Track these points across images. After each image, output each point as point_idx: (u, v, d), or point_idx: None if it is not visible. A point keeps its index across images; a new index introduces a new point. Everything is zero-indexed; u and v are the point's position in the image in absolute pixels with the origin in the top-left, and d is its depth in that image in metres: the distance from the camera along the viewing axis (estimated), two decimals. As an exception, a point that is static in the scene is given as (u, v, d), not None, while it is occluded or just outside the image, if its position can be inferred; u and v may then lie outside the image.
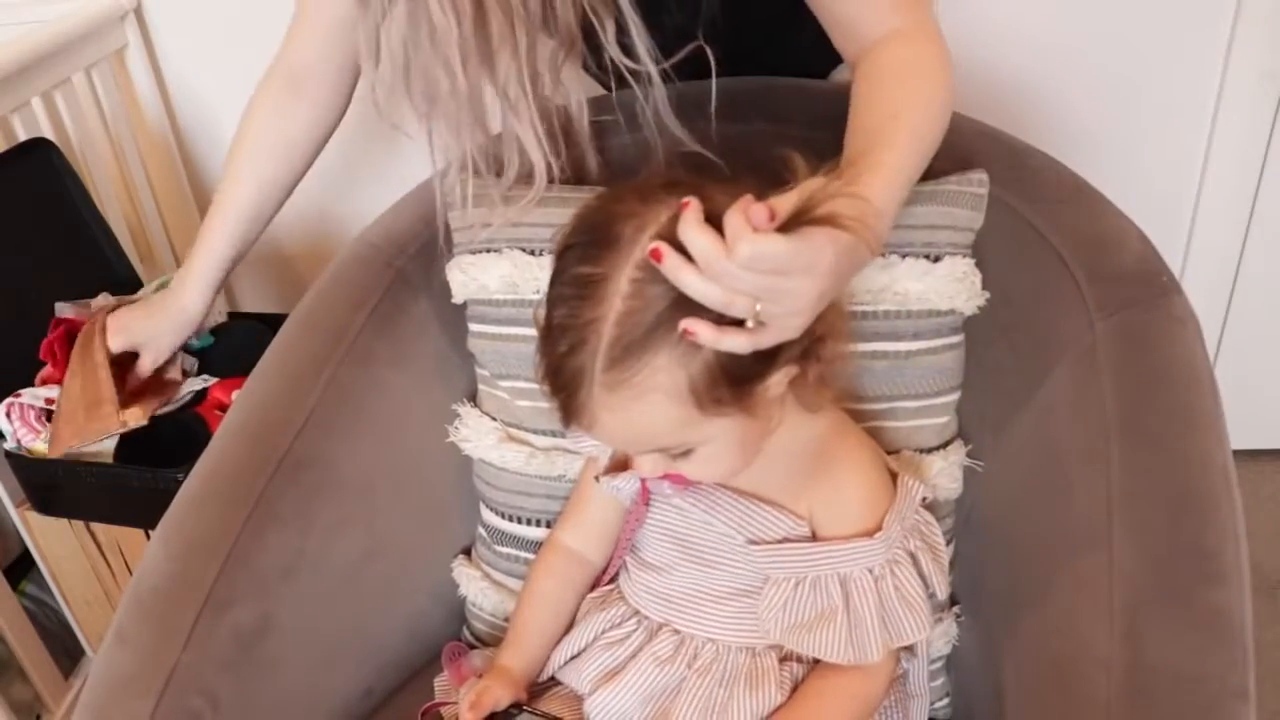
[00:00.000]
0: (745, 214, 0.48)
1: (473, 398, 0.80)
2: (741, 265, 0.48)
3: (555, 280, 0.56)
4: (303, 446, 0.72)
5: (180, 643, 0.64)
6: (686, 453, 0.57)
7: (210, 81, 1.33)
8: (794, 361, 0.56)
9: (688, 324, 0.50)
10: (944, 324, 0.69)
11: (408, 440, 0.78)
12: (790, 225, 0.49)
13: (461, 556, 0.81)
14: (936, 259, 0.68)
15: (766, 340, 0.52)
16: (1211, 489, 0.61)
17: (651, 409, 0.53)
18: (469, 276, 0.75)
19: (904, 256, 0.68)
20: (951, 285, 0.68)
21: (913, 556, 0.65)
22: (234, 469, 0.71)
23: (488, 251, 0.74)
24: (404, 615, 0.78)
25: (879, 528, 0.63)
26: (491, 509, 0.79)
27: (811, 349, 0.56)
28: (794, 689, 0.65)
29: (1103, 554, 0.61)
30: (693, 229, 0.49)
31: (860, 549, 0.63)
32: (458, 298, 0.76)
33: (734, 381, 0.54)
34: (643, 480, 0.66)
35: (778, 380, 0.56)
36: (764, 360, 0.54)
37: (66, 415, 1.02)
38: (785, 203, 0.50)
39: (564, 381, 0.54)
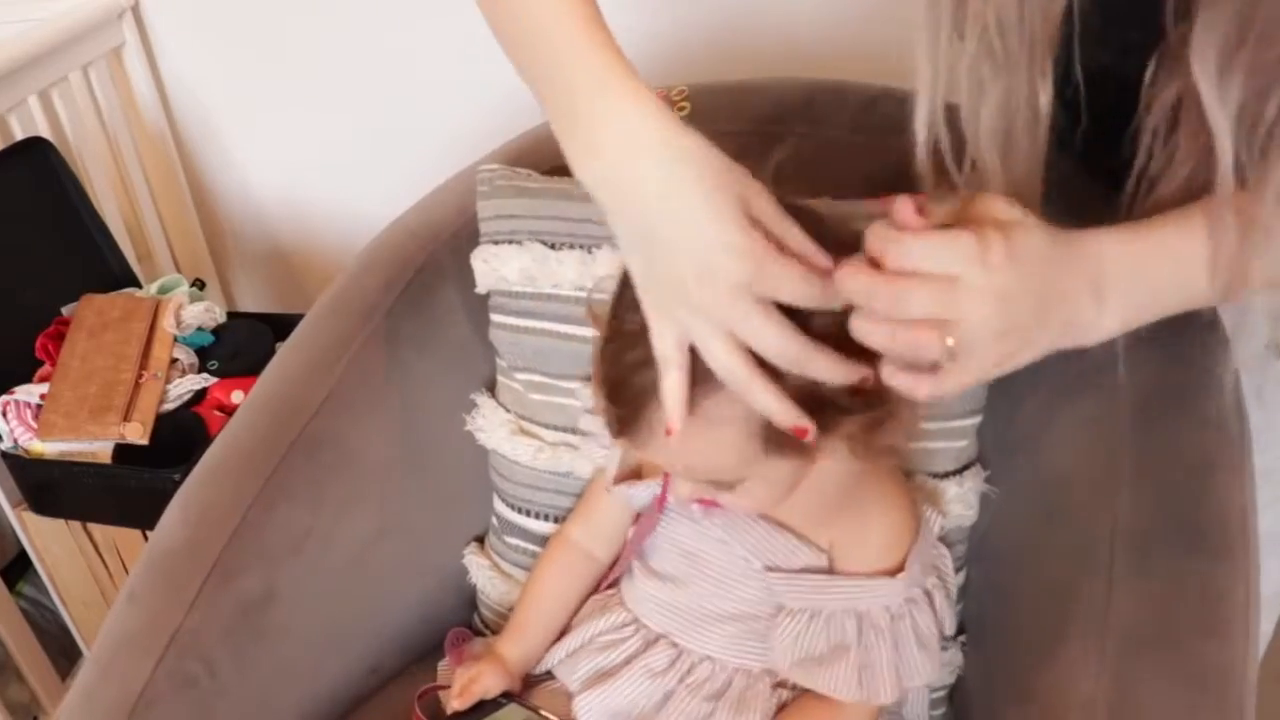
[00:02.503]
0: (890, 213, 0.44)
1: (492, 387, 0.80)
2: (896, 270, 0.44)
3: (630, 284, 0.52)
4: (320, 424, 0.73)
5: (185, 606, 0.66)
6: (730, 485, 0.56)
7: (208, 80, 1.34)
8: (860, 426, 0.52)
9: (892, 377, 0.46)
10: (962, 343, 0.68)
11: (426, 425, 0.79)
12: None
13: (474, 544, 0.82)
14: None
15: (964, 379, 0.47)
16: (1224, 535, 0.58)
17: (718, 441, 0.52)
18: (490, 267, 0.75)
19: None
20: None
21: (929, 595, 0.64)
22: (252, 442, 0.73)
23: (509, 243, 0.74)
24: (414, 597, 0.79)
25: (901, 567, 0.62)
26: (503, 499, 0.79)
27: (876, 422, 0.52)
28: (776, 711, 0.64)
29: (1100, 595, 0.59)
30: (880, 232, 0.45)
31: (881, 587, 0.62)
32: (480, 287, 0.76)
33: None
34: (663, 489, 0.65)
35: (843, 434, 0.52)
36: (839, 410, 0.51)
37: (66, 407, 1.02)
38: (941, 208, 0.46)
39: (630, 395, 0.52)
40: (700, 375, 0.49)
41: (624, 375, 0.52)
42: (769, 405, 0.48)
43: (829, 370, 0.47)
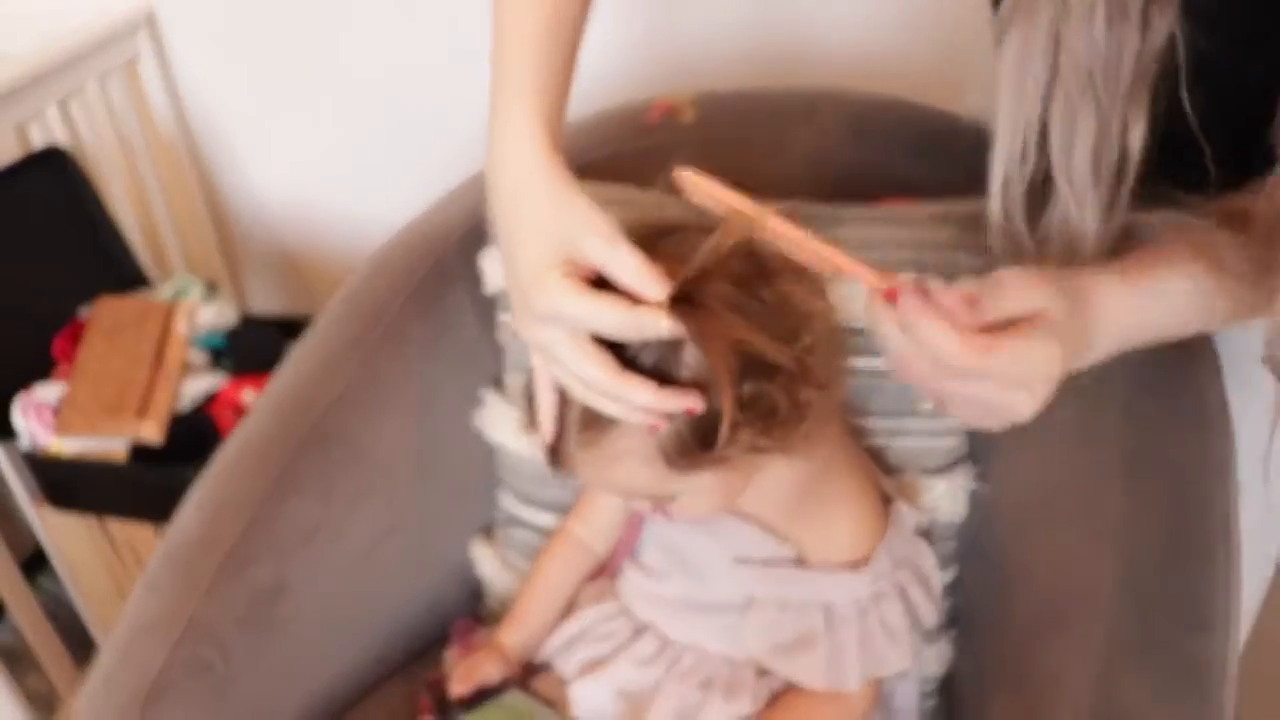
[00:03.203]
0: (941, 306, 0.44)
1: (499, 386, 0.82)
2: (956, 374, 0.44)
3: None
4: (331, 421, 0.75)
5: (200, 595, 0.68)
6: (666, 499, 0.59)
7: (221, 89, 1.35)
8: (758, 431, 0.54)
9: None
10: (956, 346, 0.69)
11: (435, 421, 0.81)
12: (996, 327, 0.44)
13: (480, 537, 0.83)
14: (950, 279, 0.67)
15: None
16: (1208, 535, 0.60)
17: (625, 469, 0.55)
18: (498, 268, 0.76)
19: (919, 276, 0.67)
20: (964, 307, 0.68)
21: (901, 589, 0.65)
22: (265, 439, 0.75)
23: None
24: (422, 589, 0.81)
25: (867, 560, 0.64)
26: (509, 494, 0.81)
27: (776, 424, 0.54)
28: (770, 702, 0.66)
29: (1088, 592, 0.61)
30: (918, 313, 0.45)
31: (846, 581, 0.64)
32: (490, 288, 0.78)
33: (704, 444, 0.53)
34: None
35: (745, 445, 0.54)
36: (734, 424, 0.52)
37: (83, 406, 1.04)
38: (986, 294, 0.45)
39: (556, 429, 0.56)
40: (590, 418, 0.53)
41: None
42: (619, 413, 0.50)
43: (647, 399, 0.49)
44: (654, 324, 0.48)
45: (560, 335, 0.49)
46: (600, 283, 0.49)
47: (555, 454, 0.57)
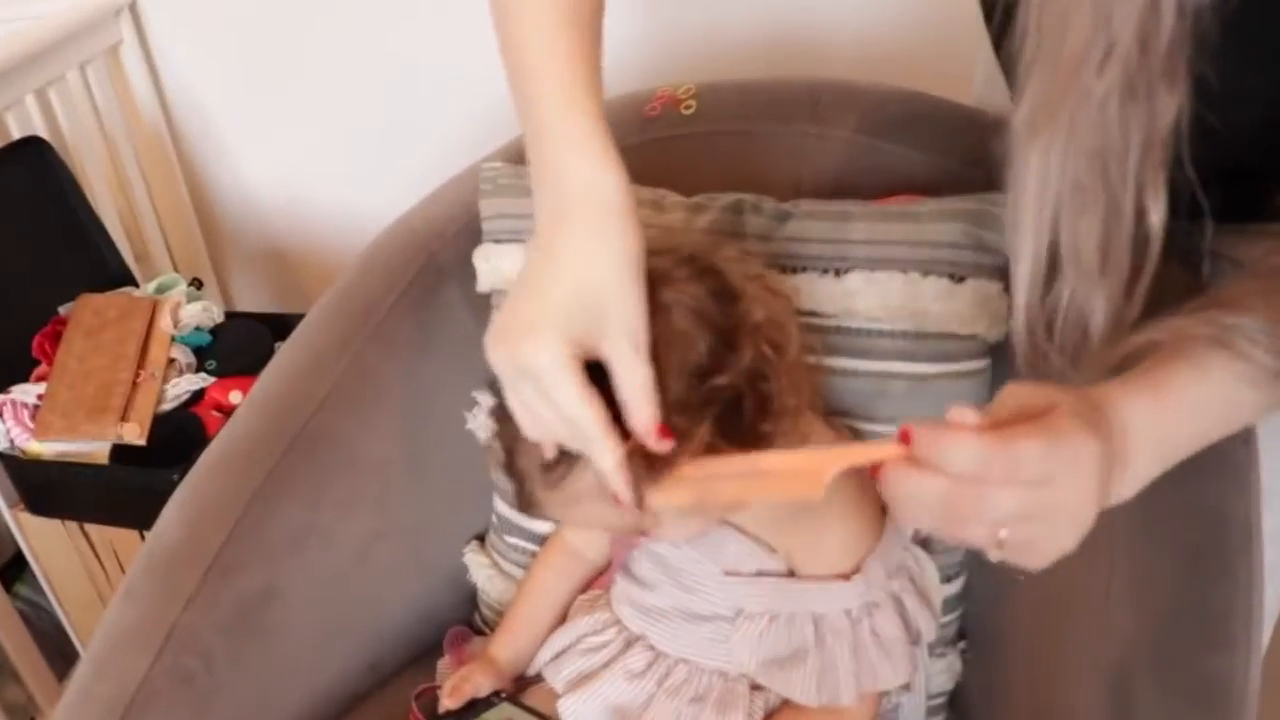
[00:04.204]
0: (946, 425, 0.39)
1: (493, 386, 0.80)
2: (996, 480, 0.38)
3: None
4: (320, 422, 0.74)
5: (182, 603, 0.66)
6: (644, 529, 0.58)
7: (206, 78, 1.34)
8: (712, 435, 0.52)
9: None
10: (966, 348, 0.67)
11: (428, 423, 0.79)
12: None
13: (474, 543, 0.82)
14: (961, 280, 0.65)
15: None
16: (1226, 545, 0.58)
17: (590, 508, 0.54)
18: (491, 266, 0.75)
19: (926, 274, 0.66)
20: (975, 309, 0.65)
21: (897, 599, 0.64)
22: (251, 440, 0.73)
23: (511, 241, 0.74)
24: (414, 596, 0.79)
25: (858, 569, 0.62)
26: (503, 498, 0.79)
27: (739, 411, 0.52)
28: (765, 718, 0.64)
29: (1100, 605, 0.59)
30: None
31: (836, 591, 0.62)
32: (482, 286, 0.76)
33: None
34: None
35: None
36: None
37: (63, 408, 1.02)
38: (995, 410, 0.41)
39: (513, 473, 0.57)
40: (548, 463, 0.53)
41: (507, 457, 0.56)
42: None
43: (600, 460, 0.48)
44: (602, 457, 0.48)
45: (529, 387, 0.49)
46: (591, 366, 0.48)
47: (521, 498, 0.56)
